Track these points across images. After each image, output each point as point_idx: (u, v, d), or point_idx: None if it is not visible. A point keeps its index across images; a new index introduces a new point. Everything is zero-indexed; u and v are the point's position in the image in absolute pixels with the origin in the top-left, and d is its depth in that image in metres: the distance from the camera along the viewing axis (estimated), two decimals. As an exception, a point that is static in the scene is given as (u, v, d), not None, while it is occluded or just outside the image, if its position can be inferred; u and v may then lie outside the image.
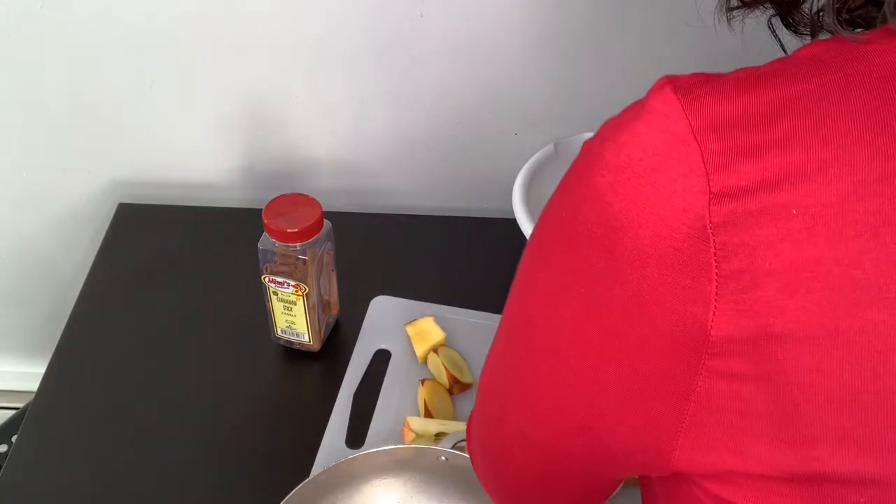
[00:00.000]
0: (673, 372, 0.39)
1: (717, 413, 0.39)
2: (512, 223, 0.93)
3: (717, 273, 0.36)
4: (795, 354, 0.36)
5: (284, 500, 0.72)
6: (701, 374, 0.38)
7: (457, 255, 1.04)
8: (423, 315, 0.93)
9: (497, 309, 0.95)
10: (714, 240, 0.36)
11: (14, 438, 0.88)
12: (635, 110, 0.41)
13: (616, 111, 0.45)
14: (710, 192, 0.36)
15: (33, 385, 0.88)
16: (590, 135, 0.47)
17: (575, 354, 0.43)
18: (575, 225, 0.41)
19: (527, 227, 0.91)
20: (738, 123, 0.37)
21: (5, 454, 1.18)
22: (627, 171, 0.38)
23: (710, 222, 0.36)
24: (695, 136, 0.37)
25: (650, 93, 0.40)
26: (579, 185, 0.42)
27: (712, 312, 0.37)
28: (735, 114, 0.37)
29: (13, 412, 1.26)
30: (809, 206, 0.35)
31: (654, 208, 0.37)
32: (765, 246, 0.36)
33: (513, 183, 0.96)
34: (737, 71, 0.40)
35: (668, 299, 0.38)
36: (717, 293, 0.37)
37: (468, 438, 0.59)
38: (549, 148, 1.00)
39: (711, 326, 0.37)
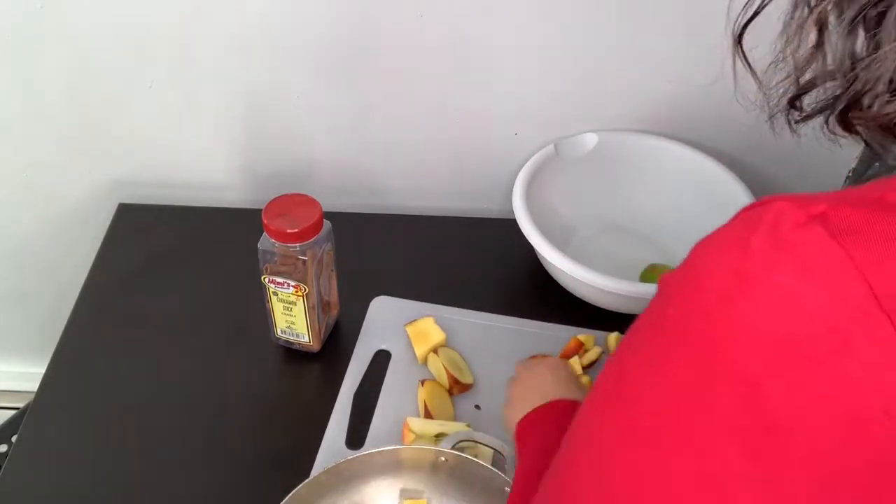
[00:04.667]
0: None
1: None
2: (512, 223, 0.93)
3: None
4: None
5: (284, 500, 0.72)
6: None
7: (457, 255, 1.04)
8: (423, 315, 0.93)
9: (497, 309, 0.96)
10: None
11: (14, 438, 0.88)
12: (764, 251, 0.31)
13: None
14: None
15: (33, 385, 0.88)
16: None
17: None
18: (702, 415, 0.32)
19: (527, 227, 0.91)
20: None
21: (5, 454, 1.18)
22: (794, 351, 0.30)
23: None
24: (881, 307, 0.29)
25: (783, 229, 0.31)
26: (705, 357, 0.32)
27: None
28: None
29: (13, 412, 1.26)
30: None
31: (841, 407, 0.29)
32: None
33: (513, 183, 0.96)
34: (892, 192, 0.32)
35: None
36: None
37: None
38: (549, 148, 1.00)
39: None
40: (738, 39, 0.42)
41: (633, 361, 0.37)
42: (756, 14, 0.41)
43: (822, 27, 0.37)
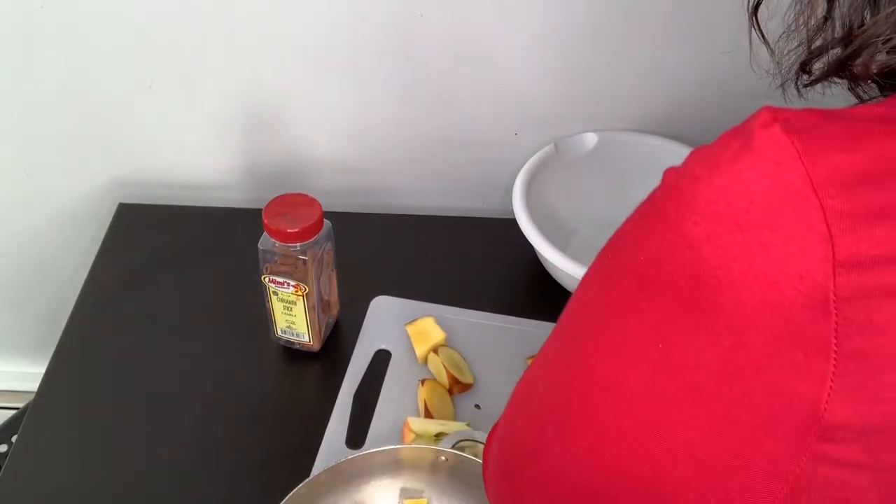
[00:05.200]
0: (765, 449, 0.35)
1: (816, 499, 0.35)
2: (512, 223, 0.93)
3: (836, 352, 0.32)
4: None
5: (284, 500, 0.72)
6: (803, 456, 0.34)
7: (457, 255, 1.04)
8: (423, 315, 0.93)
9: (497, 309, 0.96)
10: (837, 314, 0.32)
11: (14, 438, 0.88)
12: (734, 148, 0.36)
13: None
14: (834, 259, 0.32)
15: (33, 385, 0.88)
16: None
17: (644, 412, 0.39)
18: (659, 274, 0.37)
19: (527, 227, 0.91)
20: (866, 179, 0.32)
21: (5, 454, 1.18)
22: (729, 222, 0.34)
23: (835, 294, 0.32)
24: (815, 191, 0.32)
25: (754, 129, 0.35)
26: (664, 228, 0.37)
27: (827, 394, 0.33)
28: (863, 167, 0.33)
29: (13, 412, 1.26)
30: None
31: (762, 270, 0.33)
32: None
33: (513, 183, 0.96)
34: (853, 109, 0.36)
35: (770, 373, 0.34)
36: (834, 373, 0.33)
37: (486, 448, 0.55)
38: (549, 148, 1.00)
39: (825, 409, 0.33)
40: (754, 11, 0.45)
41: (610, 244, 0.43)
42: None
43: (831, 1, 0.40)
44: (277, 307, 0.87)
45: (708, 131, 1.12)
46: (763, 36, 0.46)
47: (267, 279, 0.84)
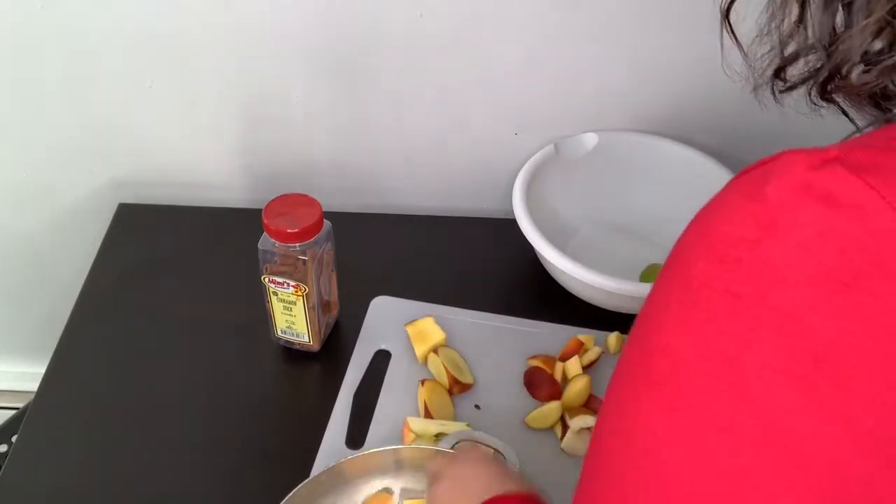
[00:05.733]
0: None
1: None
2: (512, 223, 0.93)
3: None
4: None
5: (284, 500, 0.72)
6: None
7: (457, 255, 1.04)
8: (423, 315, 0.93)
9: (497, 309, 0.96)
10: None
11: (14, 438, 0.88)
12: (784, 198, 0.32)
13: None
14: None
15: (33, 385, 0.88)
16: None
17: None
18: (750, 359, 0.32)
19: (527, 227, 0.91)
20: None
21: (5, 454, 1.18)
22: (831, 281, 0.30)
23: None
24: None
25: (803, 173, 0.32)
26: (736, 312, 0.32)
27: None
28: None
29: (13, 412, 1.26)
30: None
31: (884, 324, 0.30)
32: None
33: (513, 183, 0.96)
34: (891, 140, 0.33)
35: None
36: None
37: None
38: (549, 148, 1.00)
39: None
40: (726, 14, 0.44)
41: (664, 334, 0.36)
42: None
43: (804, 2, 0.39)
44: (277, 307, 0.87)
45: (708, 131, 1.12)
46: (736, 38, 0.45)
47: (267, 279, 0.84)
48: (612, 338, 0.91)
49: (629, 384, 0.38)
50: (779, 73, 0.42)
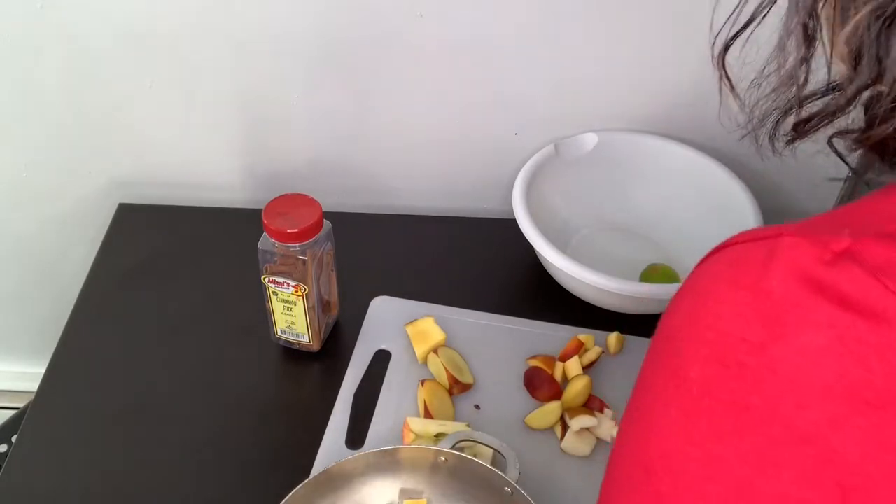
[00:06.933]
0: None
1: None
2: (512, 223, 0.93)
3: None
4: None
5: (284, 500, 0.72)
6: None
7: (457, 255, 1.04)
8: (423, 315, 0.93)
9: (497, 309, 0.96)
10: None
11: (14, 438, 0.88)
12: (791, 295, 0.28)
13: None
14: None
15: (33, 385, 0.88)
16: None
17: None
18: (765, 487, 0.29)
19: (527, 227, 0.91)
20: None
21: (5, 454, 1.18)
22: (853, 399, 0.27)
23: None
24: None
25: (813, 270, 0.28)
26: (749, 424, 0.29)
27: None
28: None
29: (13, 412, 1.26)
30: None
31: None
32: None
33: (513, 183, 0.96)
34: None
35: None
36: None
37: None
38: (549, 148, 1.00)
39: None
40: (721, 56, 0.39)
41: (664, 444, 0.32)
42: (742, 31, 0.38)
43: (809, 43, 0.34)
44: (277, 307, 0.87)
45: (707, 131, 1.12)
46: (730, 84, 0.40)
47: (267, 279, 0.84)
48: (612, 338, 0.91)
49: (627, 489, 0.34)
50: (778, 123, 0.38)
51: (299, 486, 0.73)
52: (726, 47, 0.39)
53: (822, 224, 0.30)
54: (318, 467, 0.79)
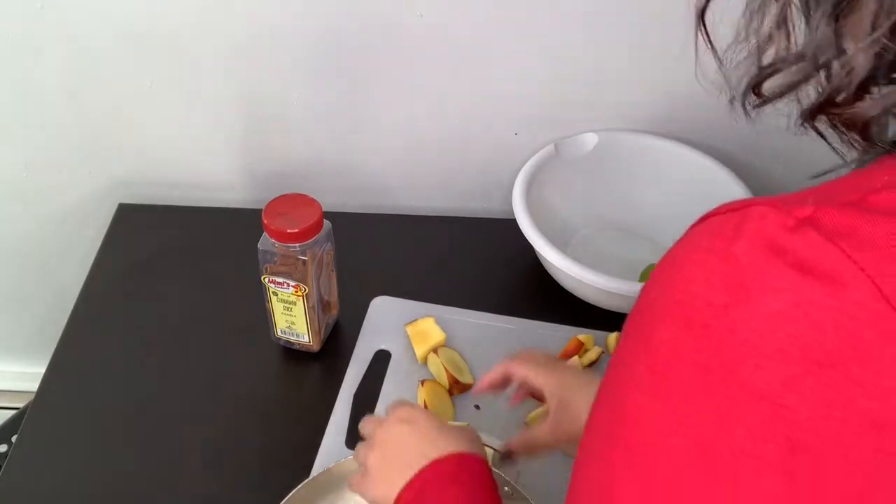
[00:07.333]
0: None
1: None
2: (512, 223, 0.93)
3: None
4: None
5: (284, 500, 0.72)
6: None
7: (457, 255, 1.04)
8: (423, 315, 0.93)
9: (497, 309, 0.95)
10: None
11: (14, 438, 0.88)
12: (754, 261, 0.30)
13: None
14: None
15: (33, 385, 0.88)
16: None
17: None
18: (723, 442, 0.30)
19: (527, 227, 0.91)
20: None
21: (5, 454, 1.18)
22: (805, 360, 0.28)
23: None
24: (894, 309, 0.28)
25: (773, 234, 0.30)
26: (710, 384, 0.31)
27: None
28: None
29: (13, 412, 1.26)
30: None
31: (865, 412, 0.28)
32: None
33: (513, 183, 0.96)
34: (869, 196, 0.30)
35: None
36: None
37: None
38: (549, 148, 1.00)
39: None
40: (701, 14, 0.40)
41: (634, 401, 0.34)
42: None
43: (784, 4, 0.35)
44: (277, 307, 0.87)
45: (707, 131, 1.12)
46: (710, 43, 0.40)
47: (267, 279, 0.84)
48: (612, 338, 0.91)
49: (604, 443, 0.37)
50: (755, 87, 0.38)
51: (299, 486, 0.73)
52: (706, 5, 0.39)
53: (794, 196, 0.32)
54: (318, 467, 0.79)
